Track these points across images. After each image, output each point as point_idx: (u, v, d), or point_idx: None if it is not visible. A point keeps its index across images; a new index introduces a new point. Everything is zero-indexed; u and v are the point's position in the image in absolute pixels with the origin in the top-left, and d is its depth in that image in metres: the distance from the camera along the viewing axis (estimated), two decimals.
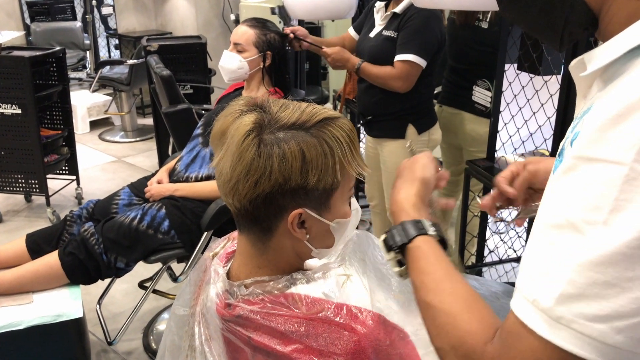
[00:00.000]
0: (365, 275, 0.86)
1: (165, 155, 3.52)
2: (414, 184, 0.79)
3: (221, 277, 0.84)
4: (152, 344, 2.34)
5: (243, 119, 0.80)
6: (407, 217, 0.74)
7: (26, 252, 1.86)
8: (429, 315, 0.64)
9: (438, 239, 0.72)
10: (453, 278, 0.66)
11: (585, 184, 0.49)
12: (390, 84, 2.23)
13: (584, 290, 0.47)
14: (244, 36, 2.14)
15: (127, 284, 2.62)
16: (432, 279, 0.66)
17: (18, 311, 1.64)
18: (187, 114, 2.52)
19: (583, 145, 0.50)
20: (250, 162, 0.77)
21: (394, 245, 0.72)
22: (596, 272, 0.47)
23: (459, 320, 0.59)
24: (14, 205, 3.65)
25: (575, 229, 0.48)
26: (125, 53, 5.90)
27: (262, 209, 0.78)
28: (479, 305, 0.61)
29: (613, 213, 0.46)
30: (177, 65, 3.51)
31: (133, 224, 1.88)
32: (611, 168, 0.47)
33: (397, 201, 0.78)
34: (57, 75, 3.39)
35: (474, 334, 0.57)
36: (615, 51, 0.55)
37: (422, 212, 0.76)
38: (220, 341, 0.82)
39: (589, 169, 0.49)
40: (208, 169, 2.04)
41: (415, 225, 0.72)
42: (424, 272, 0.67)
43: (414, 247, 0.71)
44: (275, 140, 0.78)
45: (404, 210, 0.76)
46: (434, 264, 0.68)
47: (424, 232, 0.72)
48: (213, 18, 5.46)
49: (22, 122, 3.19)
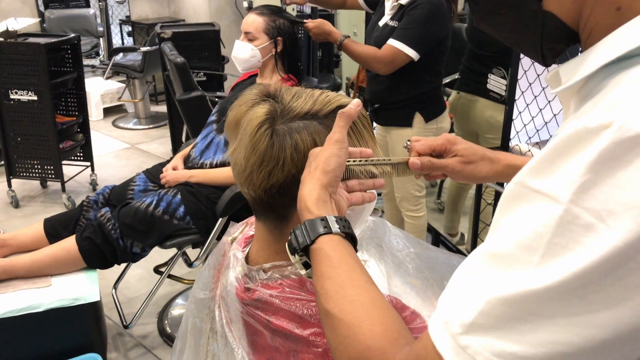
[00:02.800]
0: (382, 261, 0.86)
1: (179, 142, 3.54)
2: (318, 175, 0.71)
3: (240, 262, 0.86)
4: (166, 328, 2.37)
5: (256, 109, 0.80)
6: (310, 215, 0.68)
7: (44, 236, 1.89)
8: (329, 325, 0.59)
9: (344, 236, 0.66)
10: (356, 283, 0.60)
11: (524, 219, 0.46)
12: (373, 65, 2.23)
13: (495, 324, 0.45)
14: (254, 24, 2.14)
15: (141, 269, 2.66)
16: (332, 284, 0.60)
17: (37, 294, 1.67)
18: (201, 101, 2.53)
19: (528, 172, 0.47)
20: (264, 153, 0.78)
21: (297, 247, 0.67)
22: (513, 309, 0.44)
23: (359, 332, 0.55)
24: (30, 191, 3.70)
25: (504, 263, 0.46)
26: (138, 40, 5.91)
27: (277, 198, 0.79)
28: (381, 314, 0.57)
29: (545, 257, 0.44)
30: (191, 52, 3.52)
31: (149, 210, 1.90)
32: (548, 206, 0.44)
33: (300, 198, 0.70)
34: (72, 62, 3.42)
35: (376, 350, 0.54)
36: (589, 66, 0.51)
37: (328, 205, 0.69)
38: (240, 324, 0.84)
39: (530, 201, 0.46)
40: (223, 156, 2.05)
41: (318, 224, 0.66)
42: (325, 277, 0.62)
43: (316, 248, 0.65)
44: (287, 130, 0.78)
45: (307, 208, 0.68)
46: (336, 268, 0.62)
47: (327, 231, 0.65)
48: (225, 5, 5.45)
49: (37, 108, 3.22)
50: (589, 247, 0.42)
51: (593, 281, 0.42)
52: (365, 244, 0.88)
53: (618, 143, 0.42)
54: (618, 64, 0.49)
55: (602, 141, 0.42)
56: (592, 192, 0.42)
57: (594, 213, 0.42)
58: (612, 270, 0.42)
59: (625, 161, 0.42)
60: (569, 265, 0.42)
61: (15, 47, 3.14)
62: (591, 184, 0.43)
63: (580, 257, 0.42)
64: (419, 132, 2.34)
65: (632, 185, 0.41)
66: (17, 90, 3.19)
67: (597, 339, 0.42)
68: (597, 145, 0.43)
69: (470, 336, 0.46)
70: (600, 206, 0.42)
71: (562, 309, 0.43)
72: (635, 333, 0.42)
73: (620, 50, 0.48)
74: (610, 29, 0.51)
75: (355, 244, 0.68)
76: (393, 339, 0.54)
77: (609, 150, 0.42)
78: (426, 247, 1.04)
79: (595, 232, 0.42)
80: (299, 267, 0.68)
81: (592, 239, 0.42)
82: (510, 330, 0.44)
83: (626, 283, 0.42)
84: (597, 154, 0.42)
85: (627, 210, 0.41)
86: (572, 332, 0.43)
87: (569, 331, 0.43)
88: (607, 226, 0.42)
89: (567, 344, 0.43)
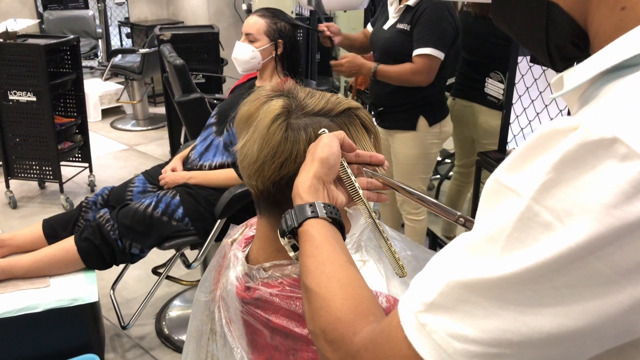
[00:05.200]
0: (381, 262, 0.87)
1: (177, 144, 3.55)
2: (312, 165, 0.74)
3: (240, 261, 0.87)
4: (164, 329, 2.37)
5: (271, 103, 0.83)
6: (301, 200, 0.72)
7: (43, 237, 1.89)
8: (306, 298, 0.63)
9: (330, 221, 0.70)
10: (334, 261, 0.64)
11: (494, 213, 0.48)
12: (412, 80, 2.22)
13: (452, 306, 0.47)
14: (255, 26, 2.16)
15: (140, 270, 2.66)
16: (313, 261, 0.64)
17: (36, 294, 1.68)
18: (200, 103, 2.54)
19: (503, 169, 0.49)
20: (278, 144, 0.80)
21: (286, 229, 0.71)
22: (469, 293, 0.46)
23: (331, 305, 0.59)
24: (28, 192, 3.70)
25: (470, 251, 0.48)
26: (136, 42, 5.92)
27: (286, 191, 0.80)
28: (356, 291, 0.60)
29: (504, 250, 0.45)
30: (190, 54, 3.53)
31: (148, 211, 1.91)
32: (514, 201, 0.46)
33: (295, 185, 0.75)
34: (70, 64, 3.42)
35: (345, 322, 0.56)
36: (588, 72, 0.52)
37: (320, 193, 0.73)
38: (240, 324, 0.85)
39: (501, 197, 0.48)
40: (222, 157, 2.06)
41: (307, 208, 0.70)
42: (307, 255, 0.66)
43: (303, 230, 0.69)
44: (302, 125, 0.81)
45: (299, 194, 0.73)
46: (318, 247, 0.66)
47: (315, 215, 0.69)
48: (224, 8, 5.46)
49: (36, 109, 3.22)
50: (544, 245, 0.43)
51: (545, 277, 0.44)
52: (364, 244, 0.89)
53: (582, 145, 0.43)
54: (616, 72, 0.50)
55: (568, 143, 0.44)
56: (553, 192, 0.44)
57: (553, 212, 0.43)
58: (563, 269, 0.43)
59: (588, 164, 0.43)
60: (525, 259, 0.44)
61: (14, 48, 3.14)
62: (553, 183, 0.44)
63: (535, 253, 0.44)
64: (422, 136, 2.35)
65: (591, 189, 0.42)
66: (16, 91, 3.19)
67: (544, 331, 0.44)
68: (562, 146, 0.44)
69: (429, 314, 0.48)
70: (559, 206, 0.43)
71: (514, 299, 0.45)
72: (581, 334, 0.44)
73: (616, 59, 0.49)
74: (615, 29, 0.51)
75: (342, 231, 0.72)
76: (363, 314, 0.57)
77: (572, 152, 0.43)
78: (423, 250, 1.05)
79: (551, 231, 0.43)
80: (288, 250, 0.72)
81: (548, 236, 0.43)
82: (465, 313, 0.46)
83: (574, 283, 0.43)
84: (562, 154, 0.44)
85: (583, 212, 0.42)
86: (521, 322, 0.44)
87: (519, 320, 0.45)
88: (563, 226, 0.43)
89: (515, 332, 0.45)
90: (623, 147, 0.42)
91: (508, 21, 0.64)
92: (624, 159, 0.41)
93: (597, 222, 0.42)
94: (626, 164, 0.41)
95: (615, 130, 0.42)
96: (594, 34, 0.55)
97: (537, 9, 0.58)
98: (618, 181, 0.41)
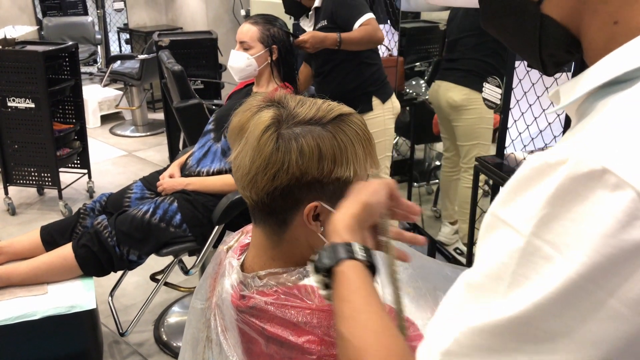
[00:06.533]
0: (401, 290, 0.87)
1: (176, 150, 3.55)
2: (354, 205, 0.74)
3: (235, 269, 0.86)
4: (162, 336, 2.37)
5: (262, 114, 0.83)
6: (339, 238, 0.70)
7: (40, 244, 1.89)
8: (341, 346, 0.63)
9: (367, 264, 0.69)
10: (371, 309, 0.63)
11: (493, 249, 0.49)
12: (375, 36, 2.38)
13: (468, 352, 0.48)
14: (248, 33, 2.16)
15: (138, 276, 2.65)
16: (349, 307, 0.64)
17: (33, 302, 1.68)
18: (198, 109, 2.54)
19: (499, 203, 0.50)
20: (269, 155, 0.80)
21: (322, 267, 0.69)
22: (482, 339, 0.47)
23: (365, 357, 0.59)
24: (27, 198, 3.70)
25: (477, 292, 0.49)
26: (135, 48, 5.93)
27: (279, 201, 0.80)
28: (389, 341, 0.60)
29: (511, 287, 0.46)
30: (188, 60, 3.53)
31: (145, 217, 1.90)
32: (513, 237, 0.47)
33: (332, 220, 0.74)
34: (69, 70, 3.43)
35: None
36: (582, 88, 0.52)
37: (357, 235, 0.72)
38: (235, 332, 0.84)
39: (499, 231, 0.49)
40: (220, 164, 2.06)
41: (344, 249, 0.69)
42: (343, 300, 0.65)
43: (339, 271, 0.68)
44: (293, 135, 0.81)
45: (336, 231, 0.72)
46: (354, 292, 0.65)
47: (351, 256, 0.68)
48: (223, 13, 5.48)
49: (35, 116, 3.23)
50: (548, 278, 0.44)
51: (552, 310, 0.44)
52: None
53: (573, 179, 0.44)
54: (610, 87, 0.50)
55: (559, 176, 0.45)
56: (551, 226, 0.45)
57: (554, 245, 0.45)
58: (568, 301, 0.44)
59: (581, 196, 0.44)
60: (531, 295, 0.45)
61: (13, 54, 3.15)
62: (550, 217, 0.45)
63: (540, 286, 0.44)
64: (380, 113, 2.52)
65: (587, 220, 0.43)
66: (14, 98, 3.19)
67: None
68: (554, 180, 0.45)
69: None
70: (558, 239, 0.44)
71: (526, 339, 0.45)
72: None
73: (609, 75, 0.50)
74: (608, 42, 0.52)
75: (374, 274, 0.71)
76: None
77: (565, 186, 0.44)
78: (419, 256, 1.05)
79: (553, 264, 0.44)
80: (319, 287, 0.71)
81: (550, 270, 0.44)
82: (481, 359, 0.47)
83: (582, 315, 0.44)
84: (555, 188, 0.45)
85: (581, 243, 0.43)
86: None
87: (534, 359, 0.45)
88: (563, 258, 0.44)
89: None
90: (613, 177, 0.43)
91: (498, 28, 0.64)
92: (615, 188, 0.42)
93: (595, 252, 0.43)
94: (617, 194, 0.42)
95: (603, 161, 0.43)
96: (587, 44, 0.55)
97: (531, 21, 0.58)
98: (612, 211, 0.42)
